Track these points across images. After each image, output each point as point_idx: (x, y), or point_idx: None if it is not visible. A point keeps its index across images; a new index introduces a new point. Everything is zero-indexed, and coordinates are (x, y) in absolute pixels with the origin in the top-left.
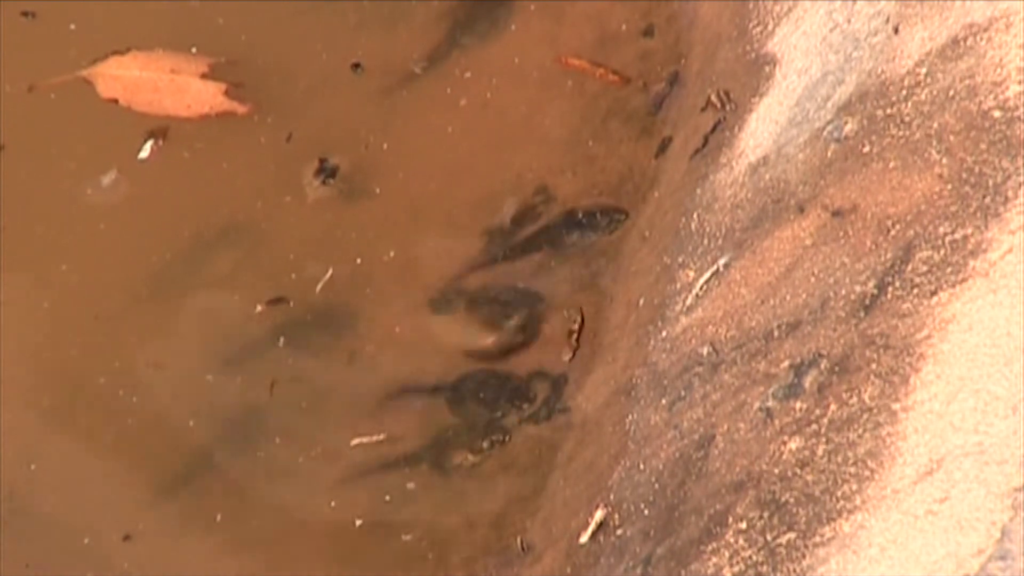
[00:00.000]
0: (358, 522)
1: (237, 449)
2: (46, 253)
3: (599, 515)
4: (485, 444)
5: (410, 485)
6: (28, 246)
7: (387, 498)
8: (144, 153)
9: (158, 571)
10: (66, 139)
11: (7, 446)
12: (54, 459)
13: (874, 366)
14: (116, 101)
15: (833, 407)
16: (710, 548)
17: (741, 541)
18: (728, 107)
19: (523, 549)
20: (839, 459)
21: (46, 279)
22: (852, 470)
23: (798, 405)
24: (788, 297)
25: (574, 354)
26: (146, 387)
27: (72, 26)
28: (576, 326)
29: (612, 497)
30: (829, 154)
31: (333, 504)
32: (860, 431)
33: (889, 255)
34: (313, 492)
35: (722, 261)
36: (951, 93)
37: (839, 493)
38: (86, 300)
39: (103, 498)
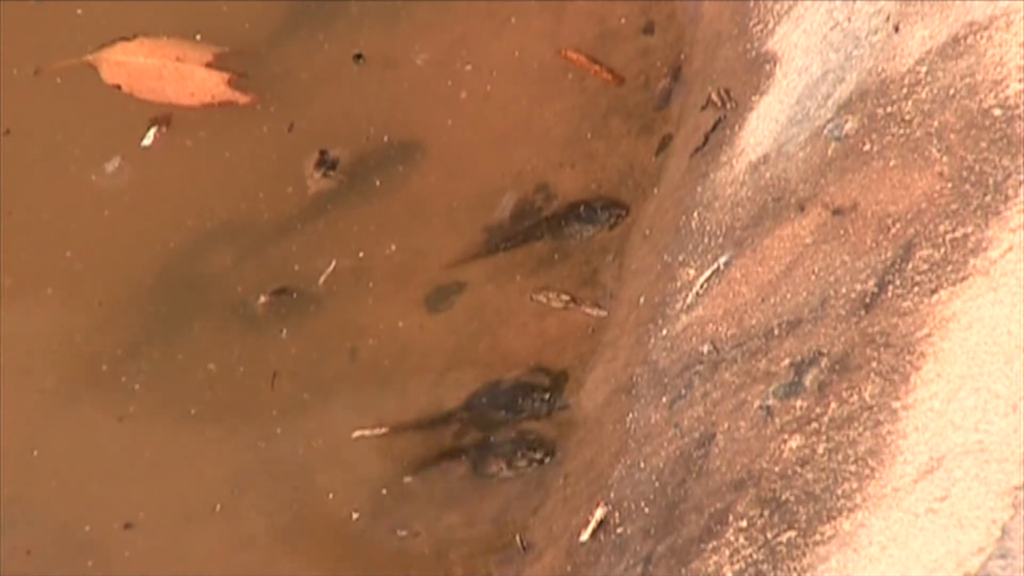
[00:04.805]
0: (355, 515)
1: (238, 441)
2: (51, 239)
3: (599, 513)
4: (524, 463)
5: (407, 480)
6: (33, 232)
7: (384, 491)
8: (148, 140)
9: (158, 560)
10: (71, 124)
11: (9, 432)
12: (56, 446)
13: (874, 364)
14: (119, 87)
15: (833, 405)
16: (711, 546)
17: (741, 539)
18: (728, 105)
19: (523, 547)
20: (839, 457)
21: (51, 265)
22: (852, 468)
23: (798, 403)
24: (788, 295)
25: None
26: (149, 375)
27: (79, 11)
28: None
29: (612, 495)
30: (829, 152)
31: (331, 497)
32: (860, 429)
33: (889, 253)
34: (312, 484)
35: (722, 259)
36: (951, 91)
37: (839, 491)
38: (90, 287)
39: (104, 486)
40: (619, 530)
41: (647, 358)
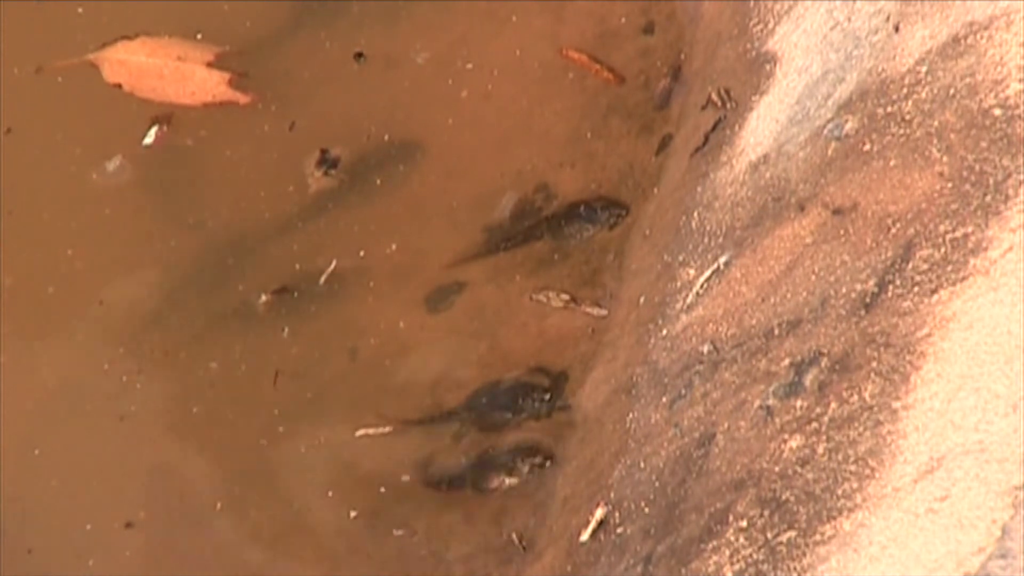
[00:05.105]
0: (353, 514)
1: (239, 440)
2: (51, 238)
3: (600, 513)
4: (525, 468)
5: (405, 478)
6: (34, 230)
7: (382, 490)
8: (148, 139)
9: (158, 560)
10: (72, 123)
11: (9, 431)
12: (56, 446)
13: (875, 364)
14: (120, 86)
15: (834, 405)
16: (711, 546)
17: (742, 539)
18: (729, 105)
19: (523, 547)
20: (840, 457)
21: (51, 264)
22: (853, 468)
23: (799, 403)
24: (789, 295)
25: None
26: (149, 373)
27: (80, 10)
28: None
29: (613, 495)
30: (830, 152)
31: (330, 495)
32: (861, 429)
33: (890, 253)
34: (312, 483)
35: (723, 259)
36: (952, 91)
37: (840, 491)
38: (91, 285)
39: (105, 486)
40: (619, 530)
41: (647, 358)
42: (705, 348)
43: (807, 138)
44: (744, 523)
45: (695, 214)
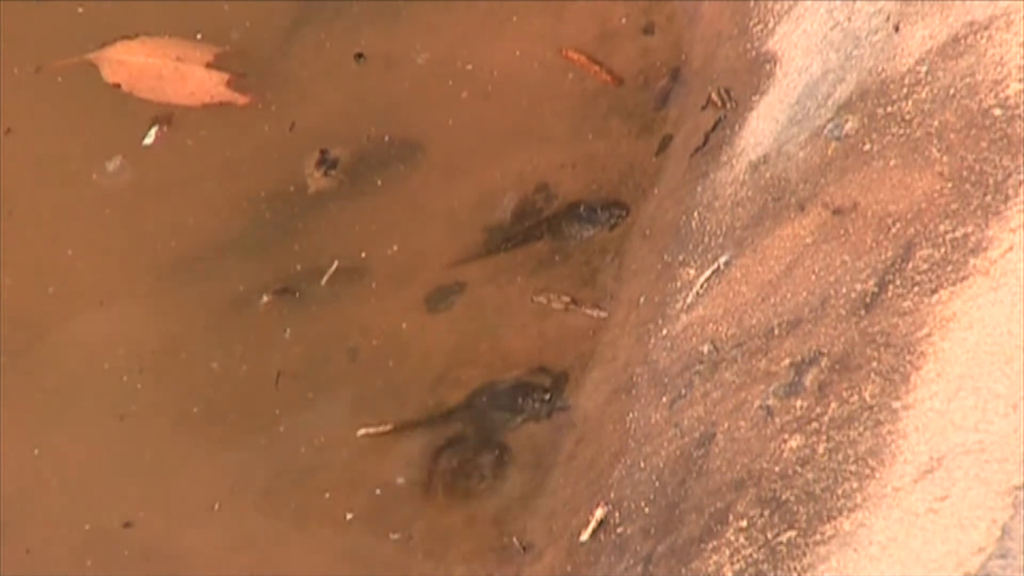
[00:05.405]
0: (348, 516)
1: (240, 440)
2: (51, 238)
3: (600, 513)
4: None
5: (400, 480)
6: (34, 231)
7: (378, 491)
8: (148, 139)
9: (158, 559)
10: (72, 123)
11: (9, 432)
12: (56, 445)
13: (875, 364)
14: (119, 86)
15: (834, 405)
16: (711, 546)
17: (742, 539)
18: (729, 105)
19: (523, 547)
20: (840, 457)
21: (51, 264)
22: (853, 468)
23: (799, 403)
24: (789, 295)
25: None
26: (149, 373)
27: (80, 9)
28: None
29: (613, 495)
30: (830, 152)
31: (327, 496)
32: (861, 429)
33: (890, 253)
34: (311, 484)
35: (723, 259)
36: (952, 91)
37: (840, 491)
38: (91, 286)
39: (104, 485)
40: (619, 530)
41: (647, 358)
42: (705, 348)
43: (807, 138)
44: (744, 523)
45: (695, 214)
